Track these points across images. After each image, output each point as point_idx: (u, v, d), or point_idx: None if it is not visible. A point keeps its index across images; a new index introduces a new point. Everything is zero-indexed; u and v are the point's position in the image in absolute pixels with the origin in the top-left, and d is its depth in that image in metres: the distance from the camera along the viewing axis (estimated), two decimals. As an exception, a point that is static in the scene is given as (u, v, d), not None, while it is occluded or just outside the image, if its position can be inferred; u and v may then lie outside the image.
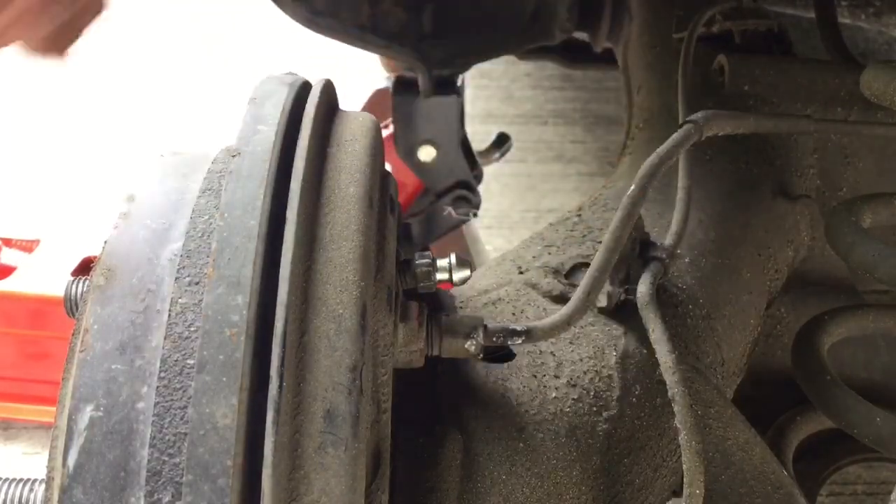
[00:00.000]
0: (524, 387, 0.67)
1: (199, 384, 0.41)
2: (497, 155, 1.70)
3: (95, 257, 0.50)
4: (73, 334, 0.49)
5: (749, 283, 0.89)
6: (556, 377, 0.68)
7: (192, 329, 0.45)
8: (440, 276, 0.58)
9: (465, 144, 1.37)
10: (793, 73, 0.98)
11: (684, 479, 0.63)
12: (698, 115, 0.77)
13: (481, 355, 0.59)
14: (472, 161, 1.39)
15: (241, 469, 0.41)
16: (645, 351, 0.72)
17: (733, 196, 0.93)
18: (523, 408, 0.65)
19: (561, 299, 0.75)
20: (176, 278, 0.47)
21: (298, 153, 0.49)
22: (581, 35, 1.30)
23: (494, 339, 0.62)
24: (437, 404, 0.65)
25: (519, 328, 0.63)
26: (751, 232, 0.92)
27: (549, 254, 0.82)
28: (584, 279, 0.68)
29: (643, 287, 0.71)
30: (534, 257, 0.82)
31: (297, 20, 1.12)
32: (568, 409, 0.66)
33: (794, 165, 1.00)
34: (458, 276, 0.60)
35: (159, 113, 2.40)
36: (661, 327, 0.67)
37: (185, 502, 0.40)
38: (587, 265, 0.77)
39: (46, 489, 0.45)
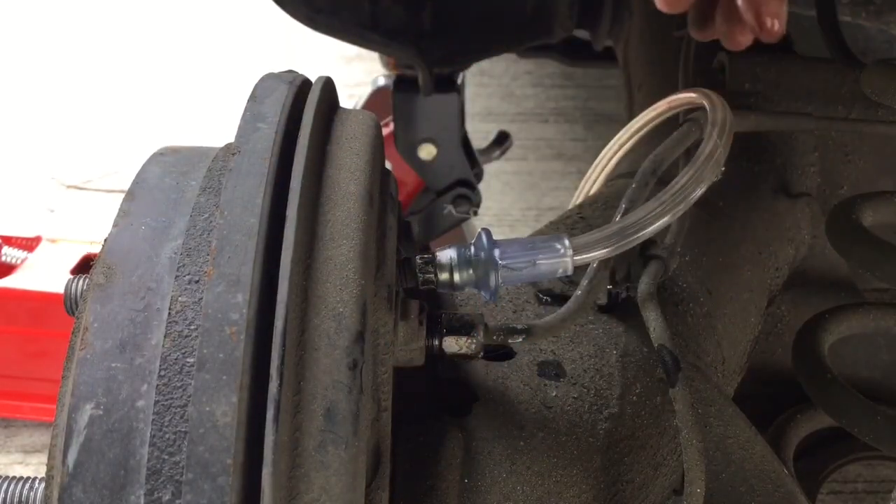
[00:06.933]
0: (525, 385, 0.67)
1: (198, 382, 0.41)
2: (497, 153, 1.70)
3: (95, 255, 0.50)
4: (72, 332, 0.49)
5: (750, 281, 0.89)
6: (557, 375, 0.68)
7: (191, 327, 0.45)
8: (442, 275, 0.58)
9: (465, 142, 1.37)
10: (793, 71, 0.97)
11: (685, 478, 0.63)
12: (699, 114, 0.78)
13: (482, 354, 0.59)
14: (473, 159, 1.39)
15: (241, 467, 0.41)
16: (646, 349, 0.72)
17: (734, 194, 0.93)
18: (524, 406, 0.65)
19: (562, 298, 0.75)
20: (176, 276, 0.47)
21: (298, 151, 0.49)
22: (582, 33, 1.30)
23: (495, 337, 0.62)
24: (438, 403, 0.65)
25: (519, 326, 0.63)
26: (751, 230, 0.92)
27: (550, 252, 0.82)
28: (585, 278, 0.68)
29: (644, 285, 0.71)
30: (534, 255, 0.82)
31: (298, 18, 1.12)
32: (568, 408, 0.66)
33: (794, 163, 1.00)
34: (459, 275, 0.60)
35: (159, 111, 2.40)
36: (661, 326, 0.67)
37: (185, 501, 0.40)
38: (587, 263, 0.77)
39: (46, 487, 0.45)
